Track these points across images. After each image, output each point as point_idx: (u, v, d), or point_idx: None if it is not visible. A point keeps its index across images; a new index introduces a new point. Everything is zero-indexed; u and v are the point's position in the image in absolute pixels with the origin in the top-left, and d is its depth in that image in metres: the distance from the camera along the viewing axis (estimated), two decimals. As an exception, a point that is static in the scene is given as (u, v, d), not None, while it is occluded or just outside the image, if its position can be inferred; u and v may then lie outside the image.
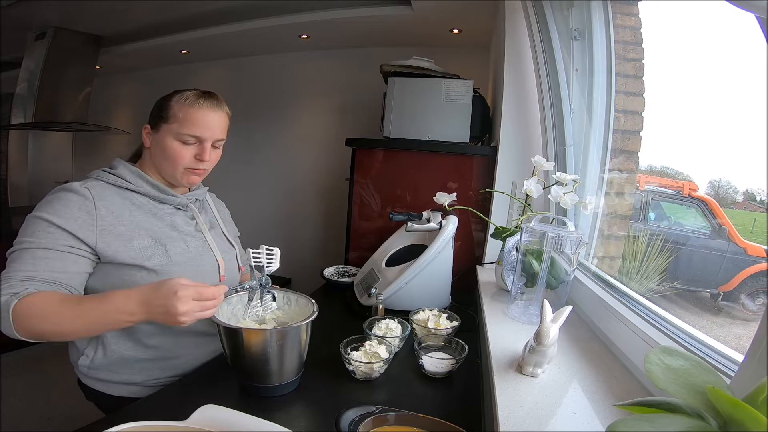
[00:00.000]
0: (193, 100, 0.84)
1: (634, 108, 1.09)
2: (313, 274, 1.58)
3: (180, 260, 0.85)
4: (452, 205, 1.19)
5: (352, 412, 0.60)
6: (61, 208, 0.76)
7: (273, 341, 0.71)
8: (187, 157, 0.86)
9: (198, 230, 0.94)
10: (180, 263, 0.85)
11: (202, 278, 0.86)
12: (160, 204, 0.89)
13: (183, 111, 0.83)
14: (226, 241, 1.02)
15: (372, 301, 1.14)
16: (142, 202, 0.86)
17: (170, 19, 2.45)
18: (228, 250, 1.00)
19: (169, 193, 0.89)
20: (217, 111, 0.87)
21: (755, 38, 0.46)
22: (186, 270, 0.86)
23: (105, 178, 0.84)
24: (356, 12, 2.11)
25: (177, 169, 0.87)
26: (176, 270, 0.84)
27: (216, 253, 0.94)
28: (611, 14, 1.09)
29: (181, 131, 0.83)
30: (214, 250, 0.94)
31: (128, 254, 0.79)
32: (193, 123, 0.83)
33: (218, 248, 0.95)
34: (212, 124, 0.86)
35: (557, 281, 0.88)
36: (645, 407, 0.37)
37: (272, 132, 2.96)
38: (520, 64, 1.41)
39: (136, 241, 0.81)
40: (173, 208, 0.91)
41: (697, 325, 0.63)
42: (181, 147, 0.85)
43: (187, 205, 0.93)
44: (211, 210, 1.04)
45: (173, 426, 0.51)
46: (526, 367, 0.65)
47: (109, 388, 0.86)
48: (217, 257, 0.94)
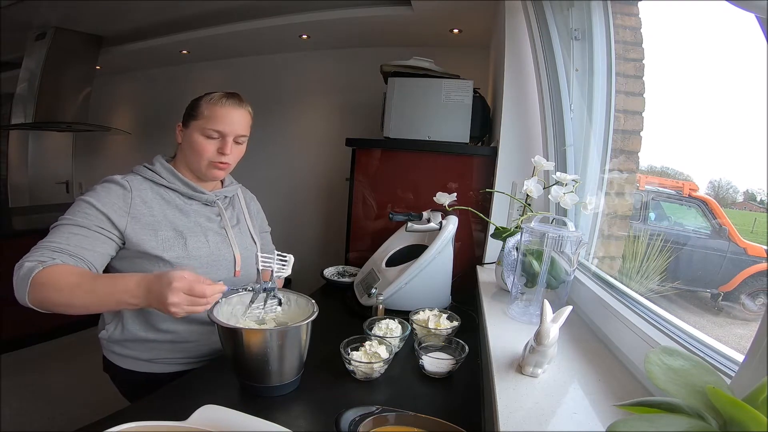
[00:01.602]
0: (218, 98, 0.94)
1: (634, 108, 1.09)
2: (313, 274, 1.57)
3: (197, 254, 0.92)
4: (452, 205, 1.19)
5: (352, 413, 0.60)
6: (103, 194, 0.86)
7: (273, 341, 0.71)
8: (210, 150, 0.94)
9: (221, 226, 1.00)
10: (197, 257, 0.92)
11: (217, 272, 0.95)
12: (188, 200, 0.97)
13: (209, 109, 0.93)
14: (249, 238, 1.08)
15: (372, 301, 1.14)
16: (172, 197, 0.95)
17: (170, 19, 2.45)
18: (249, 246, 1.06)
19: (198, 190, 0.97)
20: (239, 109, 0.96)
21: (755, 38, 0.46)
22: (202, 264, 0.93)
23: (143, 173, 0.94)
24: (356, 12, 2.11)
25: (202, 161, 0.94)
26: (192, 263, 0.91)
27: (235, 249, 0.99)
28: (611, 14, 1.09)
29: (207, 126, 0.92)
30: (234, 246, 1.00)
31: (151, 243, 0.87)
32: (217, 119, 0.92)
33: (239, 244, 1.01)
34: (233, 120, 0.94)
35: (557, 281, 0.88)
36: (645, 407, 0.37)
37: (272, 132, 2.96)
38: (520, 64, 1.41)
39: (161, 232, 0.90)
40: (201, 204, 0.99)
41: (697, 325, 0.63)
42: (205, 141, 0.93)
43: (214, 201, 1.01)
44: (240, 206, 1.11)
45: (173, 426, 0.51)
46: (526, 367, 0.65)
47: (121, 360, 0.96)
48: (235, 253, 0.99)
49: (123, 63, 3.19)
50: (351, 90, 2.68)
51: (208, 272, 0.92)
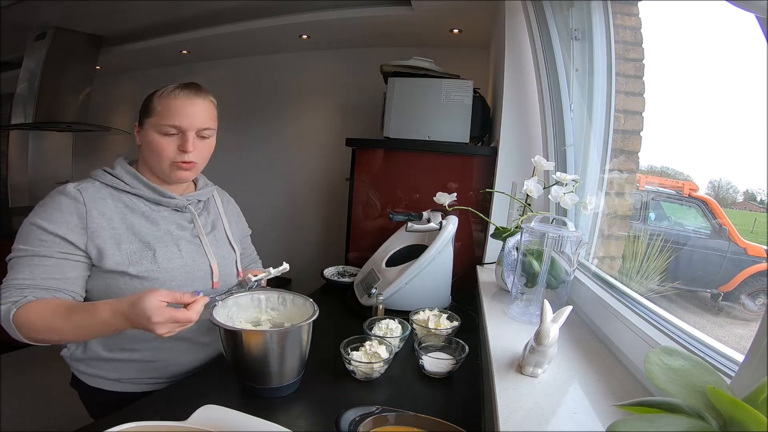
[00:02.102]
0: (171, 90, 0.84)
1: (634, 108, 1.09)
2: (313, 274, 1.57)
3: (168, 266, 0.84)
4: (452, 205, 1.19)
5: (352, 413, 0.60)
6: (53, 213, 0.76)
7: (274, 343, 0.71)
8: (170, 149, 0.83)
9: (195, 234, 0.91)
10: (169, 269, 0.84)
11: (192, 284, 0.86)
12: (156, 206, 0.87)
13: (162, 103, 0.83)
14: (227, 245, 0.99)
15: (372, 301, 1.14)
16: (137, 204, 0.85)
17: (170, 19, 2.45)
18: (227, 254, 0.97)
19: (166, 195, 0.87)
20: (196, 99, 0.85)
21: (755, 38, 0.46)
22: (175, 276, 0.84)
23: (102, 178, 0.84)
24: (356, 12, 2.11)
25: (163, 163, 0.84)
26: (164, 276, 0.83)
27: (211, 259, 0.91)
28: (611, 14, 1.09)
29: (162, 122, 0.82)
30: (209, 256, 0.91)
31: (115, 259, 0.78)
32: (172, 113, 0.82)
33: (215, 253, 0.92)
34: (192, 112, 0.83)
35: (557, 281, 0.88)
36: (645, 407, 0.37)
37: (272, 132, 2.96)
38: (520, 64, 1.41)
39: (125, 245, 0.80)
40: (171, 210, 0.89)
41: (697, 325, 0.63)
42: (163, 139, 0.83)
43: (186, 207, 0.91)
44: (217, 210, 1.02)
45: (173, 426, 0.51)
46: (526, 367, 0.65)
47: (87, 378, 0.88)
48: (212, 262, 0.90)
49: (123, 63, 3.19)
50: (351, 90, 2.68)
51: (183, 285, 0.84)
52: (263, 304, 0.86)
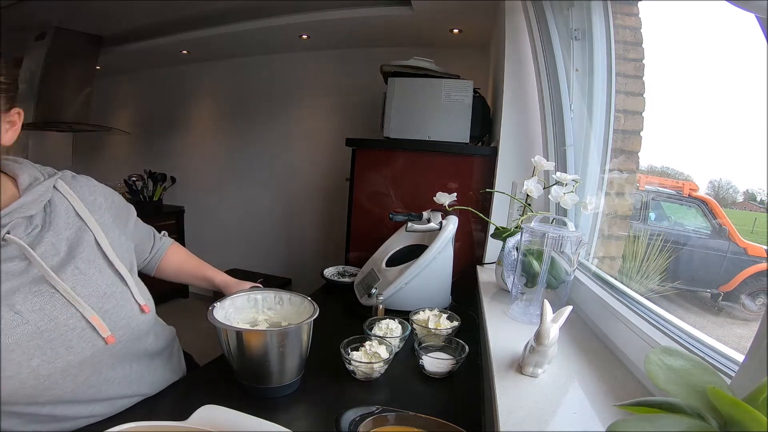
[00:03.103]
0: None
1: (634, 108, 1.09)
2: (313, 274, 1.57)
3: (9, 342, 0.50)
4: (452, 205, 1.19)
5: (352, 413, 0.60)
6: None
7: (273, 342, 0.70)
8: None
9: (35, 278, 0.55)
10: (11, 347, 0.50)
11: (67, 351, 0.55)
12: None
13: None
14: (107, 270, 0.62)
15: (372, 301, 1.14)
16: None
17: (170, 19, 2.45)
18: (110, 288, 0.61)
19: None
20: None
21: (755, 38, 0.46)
22: (26, 354, 0.52)
23: None
24: (356, 12, 2.11)
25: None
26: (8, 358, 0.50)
27: (82, 308, 0.57)
28: (611, 14, 1.09)
29: None
30: (77, 304, 0.56)
31: None
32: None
33: (88, 291, 0.58)
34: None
35: (557, 281, 0.88)
36: (645, 407, 0.37)
37: (272, 132, 2.96)
38: (520, 64, 1.41)
39: None
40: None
41: (697, 325, 0.63)
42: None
43: (2, 237, 0.54)
44: (73, 214, 0.63)
45: (173, 426, 0.51)
46: (526, 367, 0.65)
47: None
48: (86, 314, 0.57)
49: (123, 63, 3.19)
50: (351, 90, 2.68)
51: (49, 359, 0.53)
52: (260, 304, 0.85)
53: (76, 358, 0.56)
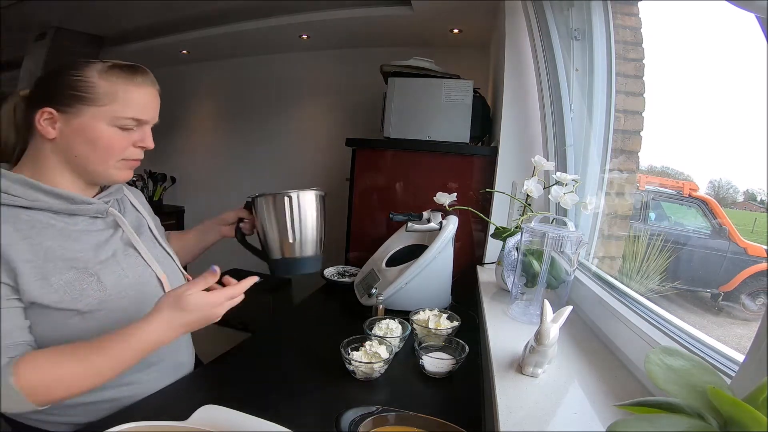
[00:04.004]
0: (129, 75, 0.68)
1: (634, 108, 1.09)
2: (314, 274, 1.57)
3: (117, 290, 0.67)
4: (452, 205, 1.19)
5: (352, 412, 0.60)
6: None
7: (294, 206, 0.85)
8: (124, 146, 0.68)
9: (127, 243, 0.73)
10: (120, 295, 0.67)
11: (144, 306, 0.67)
12: (69, 218, 0.67)
13: (122, 89, 0.66)
14: (159, 247, 0.81)
15: (372, 301, 1.14)
16: (42, 220, 0.64)
17: (170, 19, 2.45)
18: (165, 258, 0.80)
19: (80, 201, 0.67)
20: (156, 86, 0.73)
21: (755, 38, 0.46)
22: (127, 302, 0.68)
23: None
24: (356, 12, 2.11)
25: (110, 162, 0.68)
26: (114, 305, 0.67)
27: (155, 268, 0.75)
28: (611, 14, 1.09)
29: (123, 114, 0.66)
30: (152, 265, 0.74)
31: (50, 297, 0.60)
32: (138, 104, 0.68)
33: (155, 259, 0.76)
34: (156, 103, 0.72)
35: (557, 281, 0.88)
36: (645, 407, 0.37)
37: (272, 132, 2.96)
38: (520, 64, 1.41)
39: (54, 277, 0.61)
40: (87, 218, 0.70)
41: (697, 325, 0.63)
42: (118, 134, 0.67)
43: (105, 211, 0.72)
44: (134, 210, 0.83)
45: (173, 426, 0.51)
46: (526, 367, 0.65)
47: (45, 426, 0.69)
48: (158, 273, 0.75)
49: (123, 63, 3.19)
50: (351, 90, 2.68)
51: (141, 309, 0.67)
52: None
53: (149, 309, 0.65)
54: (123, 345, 0.59)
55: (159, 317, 0.61)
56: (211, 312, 0.63)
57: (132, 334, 0.59)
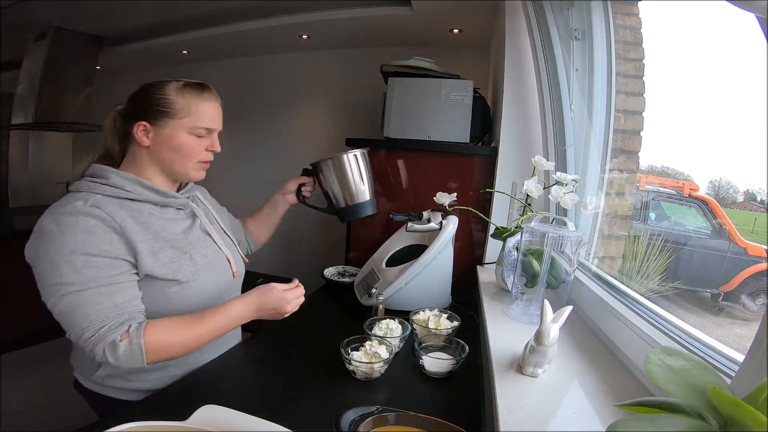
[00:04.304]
0: (198, 92, 0.84)
1: (634, 108, 1.09)
2: (313, 274, 1.57)
3: (203, 266, 0.85)
4: (452, 205, 1.19)
5: (352, 412, 0.60)
6: (86, 237, 0.70)
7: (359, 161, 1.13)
8: (200, 150, 0.86)
9: (203, 230, 0.92)
10: (204, 269, 0.85)
11: (221, 279, 0.90)
12: (162, 209, 0.85)
13: (194, 104, 0.82)
14: (226, 235, 1.00)
15: (372, 301, 1.14)
16: (144, 210, 0.81)
17: (170, 19, 2.45)
18: (229, 244, 0.99)
19: (170, 195, 0.85)
20: (218, 100, 0.89)
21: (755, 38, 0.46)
22: (208, 275, 0.86)
23: (100, 189, 0.77)
24: (356, 12, 2.11)
25: (190, 163, 0.86)
26: (202, 278, 0.84)
27: (224, 250, 0.94)
28: (611, 14, 1.09)
29: (197, 125, 0.83)
30: (222, 249, 0.93)
31: (160, 270, 0.77)
32: (207, 116, 0.84)
33: (224, 244, 0.95)
34: (220, 114, 0.88)
35: (557, 281, 0.88)
36: (645, 407, 0.37)
37: (272, 132, 2.96)
38: (520, 64, 1.41)
39: (161, 254, 0.78)
40: (174, 210, 0.87)
41: (697, 325, 0.63)
42: (194, 141, 0.84)
43: (187, 204, 0.90)
44: (203, 204, 1.01)
45: (173, 426, 0.51)
46: (526, 367, 0.65)
47: (117, 393, 0.84)
48: (227, 255, 0.94)
49: (123, 63, 3.19)
50: (351, 90, 2.67)
51: (218, 282, 0.88)
52: None
53: (223, 285, 0.91)
54: (220, 317, 0.78)
55: (248, 299, 0.81)
56: (283, 306, 0.81)
57: (227, 309, 0.79)
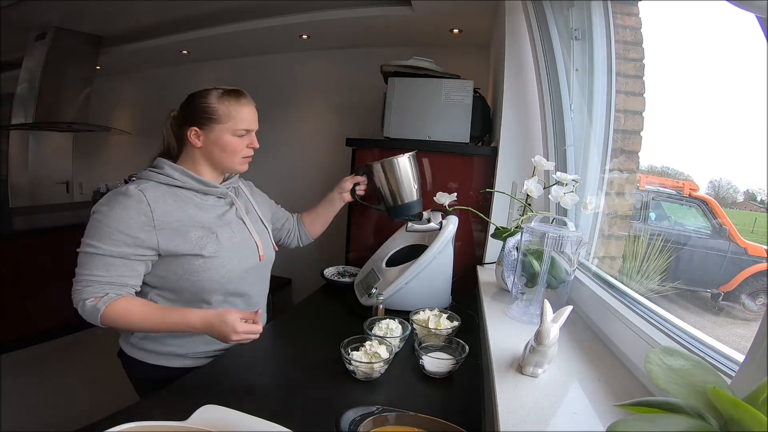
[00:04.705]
0: (236, 99, 0.98)
1: (634, 108, 1.09)
2: (314, 274, 1.57)
3: (228, 245, 0.97)
4: (452, 205, 1.19)
5: (352, 412, 0.60)
6: (121, 213, 0.86)
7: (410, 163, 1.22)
8: (242, 148, 1.01)
9: (238, 216, 1.05)
10: (229, 248, 0.97)
11: (246, 259, 1.02)
12: (204, 196, 1.00)
13: (234, 110, 0.97)
14: (260, 223, 1.13)
15: (372, 301, 1.14)
16: (188, 196, 0.97)
17: (170, 19, 2.45)
18: (262, 231, 1.11)
19: (211, 185, 1.00)
20: (253, 103, 1.03)
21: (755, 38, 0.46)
22: (234, 254, 0.98)
23: (155, 177, 0.95)
24: (356, 12, 2.11)
25: (236, 159, 1.01)
26: (228, 254, 0.97)
27: (255, 236, 1.05)
28: (611, 14, 1.09)
29: (237, 128, 0.98)
30: (253, 234, 1.05)
31: (186, 246, 0.91)
32: (245, 119, 0.99)
33: (256, 230, 1.07)
34: (255, 115, 1.03)
35: (558, 281, 0.88)
36: (645, 407, 0.37)
37: (272, 132, 2.95)
38: (520, 64, 1.41)
39: (191, 233, 0.92)
40: (215, 198, 1.02)
41: (697, 325, 0.63)
42: (237, 141, 0.99)
43: (226, 193, 1.04)
44: (245, 195, 1.14)
45: (173, 426, 0.51)
46: (526, 367, 0.65)
47: (150, 357, 0.97)
48: (256, 239, 1.05)
49: (123, 63, 3.19)
50: (351, 90, 2.67)
51: (241, 260, 1.00)
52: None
53: (248, 265, 1.02)
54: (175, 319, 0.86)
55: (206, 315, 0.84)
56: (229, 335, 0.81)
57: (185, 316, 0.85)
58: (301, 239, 1.38)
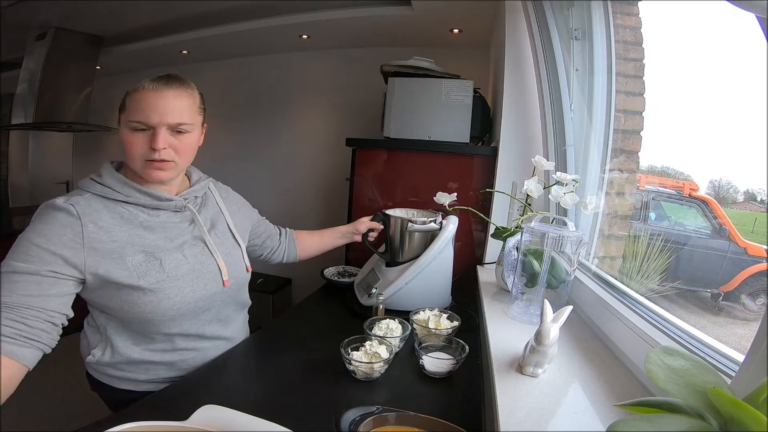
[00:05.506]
0: (145, 85, 0.79)
1: (634, 108, 1.09)
2: (314, 274, 1.57)
3: (178, 273, 0.81)
4: (453, 205, 1.19)
5: (352, 412, 0.60)
6: (46, 229, 0.71)
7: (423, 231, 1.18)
8: (139, 146, 0.78)
9: (196, 235, 0.88)
10: (178, 276, 0.81)
11: (204, 287, 0.85)
12: (154, 211, 0.83)
13: (132, 98, 0.79)
14: (230, 239, 0.96)
15: (372, 301, 1.14)
16: (133, 213, 0.80)
17: (170, 19, 2.45)
18: (232, 249, 0.95)
19: (163, 198, 0.83)
20: (169, 90, 0.79)
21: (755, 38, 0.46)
22: (185, 283, 0.82)
23: (92, 188, 0.79)
24: (356, 12, 2.11)
25: (135, 161, 0.79)
26: (174, 285, 0.81)
27: (217, 258, 0.89)
28: (611, 14, 1.09)
29: (130, 118, 0.78)
30: (215, 255, 0.89)
31: (121, 273, 0.75)
32: (140, 107, 0.77)
33: (221, 251, 0.90)
34: (161, 106, 0.77)
35: (558, 281, 0.88)
36: (645, 407, 0.37)
37: (272, 132, 2.96)
38: (520, 64, 1.41)
39: (129, 258, 0.76)
40: (170, 212, 0.86)
41: (697, 325, 0.63)
42: (132, 136, 0.78)
43: (184, 206, 0.87)
44: (215, 204, 0.98)
45: (173, 426, 0.51)
46: (526, 367, 0.65)
47: (113, 381, 0.85)
48: (219, 262, 0.89)
49: (123, 63, 3.19)
50: (351, 90, 2.68)
51: (195, 289, 0.84)
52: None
53: (208, 293, 0.86)
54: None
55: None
56: None
57: None
58: (287, 257, 1.25)
